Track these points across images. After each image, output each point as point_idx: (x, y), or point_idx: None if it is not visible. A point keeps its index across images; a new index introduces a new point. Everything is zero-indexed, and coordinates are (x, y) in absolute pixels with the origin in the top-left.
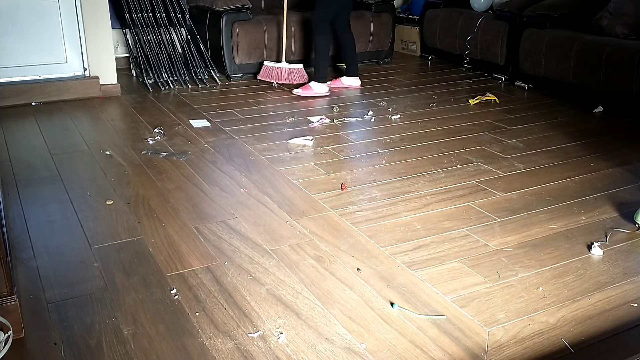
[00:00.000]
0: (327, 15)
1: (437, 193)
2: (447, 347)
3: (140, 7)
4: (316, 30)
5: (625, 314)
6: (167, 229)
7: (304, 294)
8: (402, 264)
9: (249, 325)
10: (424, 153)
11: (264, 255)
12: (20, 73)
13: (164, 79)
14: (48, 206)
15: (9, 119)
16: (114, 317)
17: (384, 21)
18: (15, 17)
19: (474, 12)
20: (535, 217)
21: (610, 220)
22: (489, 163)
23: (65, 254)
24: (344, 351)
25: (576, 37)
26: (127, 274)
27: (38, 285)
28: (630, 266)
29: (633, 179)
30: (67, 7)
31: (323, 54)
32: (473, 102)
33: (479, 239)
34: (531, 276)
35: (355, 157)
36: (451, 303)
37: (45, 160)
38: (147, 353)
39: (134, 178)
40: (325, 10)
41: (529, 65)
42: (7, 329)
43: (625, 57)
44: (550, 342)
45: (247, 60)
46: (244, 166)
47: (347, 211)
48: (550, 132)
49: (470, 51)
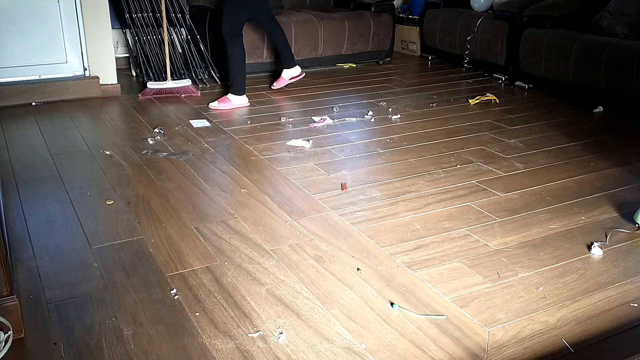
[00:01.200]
0: (239, 24)
1: (437, 193)
2: (447, 347)
3: (140, 7)
4: (229, 42)
5: (625, 314)
6: (167, 229)
7: (304, 294)
8: (402, 264)
9: (249, 325)
10: (424, 153)
11: (264, 255)
12: (20, 73)
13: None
14: (48, 206)
15: (9, 119)
16: (114, 317)
17: (384, 21)
18: (16, 17)
19: (474, 12)
20: (535, 217)
21: (610, 220)
22: (489, 163)
23: (65, 254)
24: (344, 351)
25: (576, 37)
26: (127, 274)
27: (38, 285)
28: (630, 266)
29: (633, 179)
30: (67, 7)
31: (239, 65)
32: (473, 102)
33: (479, 239)
34: (531, 276)
35: (355, 157)
36: (451, 303)
37: (45, 160)
38: (147, 353)
39: (134, 178)
40: (236, 19)
41: (529, 65)
42: (7, 329)
43: (625, 57)
44: (550, 342)
45: (247, 60)
46: (244, 166)
47: (347, 211)
48: (550, 132)
49: (470, 51)
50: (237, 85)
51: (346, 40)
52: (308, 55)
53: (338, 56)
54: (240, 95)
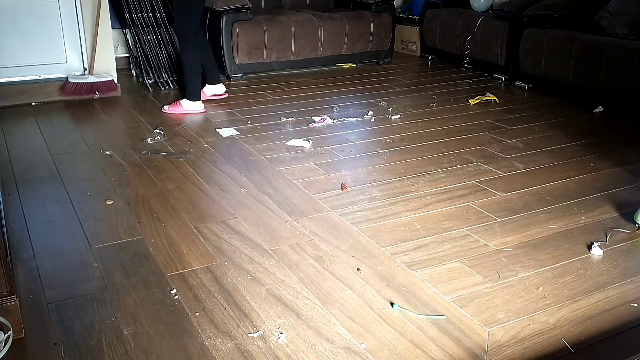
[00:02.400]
0: (195, 24)
1: (437, 193)
2: (447, 347)
3: (140, 7)
4: (185, 43)
5: (625, 314)
6: (167, 229)
7: (304, 294)
8: (402, 264)
9: (249, 325)
10: (424, 153)
11: (264, 255)
12: (20, 73)
13: (164, 79)
14: (48, 206)
15: (9, 119)
16: (114, 317)
17: (384, 21)
18: (15, 17)
19: (474, 12)
20: (535, 217)
21: (610, 220)
22: (489, 163)
23: (65, 254)
24: (344, 351)
25: (576, 37)
26: (127, 274)
27: (38, 285)
28: (630, 266)
29: (633, 179)
30: (67, 7)
31: (195, 68)
32: (473, 102)
33: (479, 239)
34: (531, 276)
35: (355, 157)
36: (451, 303)
37: (45, 160)
38: (147, 353)
39: (134, 178)
40: (193, 19)
41: (529, 65)
42: (7, 329)
43: (625, 57)
44: (550, 342)
45: (247, 60)
46: (244, 166)
47: (347, 211)
48: (550, 132)
49: (470, 51)
50: (189, 91)
51: (346, 40)
52: (308, 55)
53: (338, 56)
54: (194, 101)
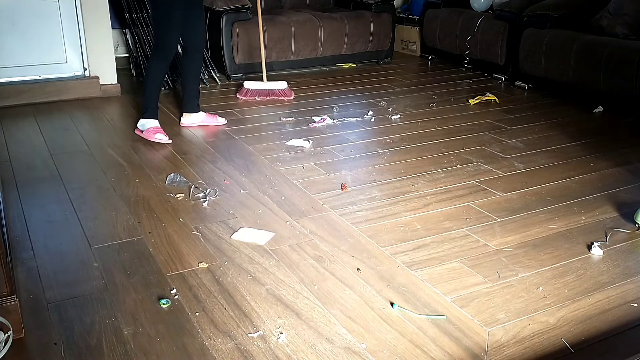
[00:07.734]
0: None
1: (437, 193)
2: (447, 347)
3: (140, 7)
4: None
5: (625, 314)
6: (167, 229)
7: (304, 294)
8: (402, 264)
9: (249, 325)
10: (424, 153)
11: (264, 255)
12: (20, 73)
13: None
14: (48, 206)
15: (9, 119)
16: (114, 317)
17: (384, 21)
18: (15, 17)
19: (474, 12)
20: (535, 217)
21: (610, 220)
22: (489, 163)
23: (65, 254)
24: (344, 351)
25: (576, 37)
26: (127, 274)
27: (38, 285)
28: (630, 266)
29: (633, 179)
30: (67, 7)
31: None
32: (473, 102)
33: (479, 239)
34: (531, 276)
35: (355, 157)
36: (451, 303)
37: (45, 160)
38: (147, 353)
39: (134, 178)
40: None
41: (528, 65)
42: (7, 329)
43: (625, 57)
44: (550, 342)
45: (247, 60)
46: (244, 166)
47: (347, 211)
48: (550, 132)
49: (470, 51)
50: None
51: (346, 40)
52: (308, 55)
53: (338, 56)
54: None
